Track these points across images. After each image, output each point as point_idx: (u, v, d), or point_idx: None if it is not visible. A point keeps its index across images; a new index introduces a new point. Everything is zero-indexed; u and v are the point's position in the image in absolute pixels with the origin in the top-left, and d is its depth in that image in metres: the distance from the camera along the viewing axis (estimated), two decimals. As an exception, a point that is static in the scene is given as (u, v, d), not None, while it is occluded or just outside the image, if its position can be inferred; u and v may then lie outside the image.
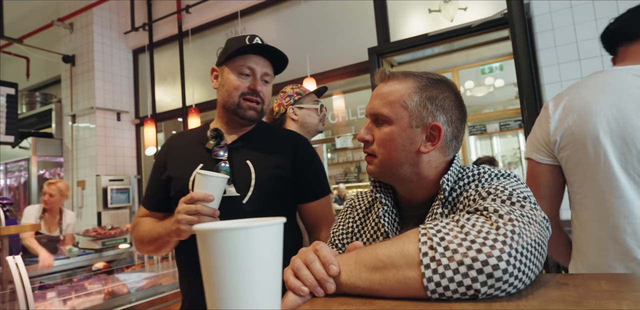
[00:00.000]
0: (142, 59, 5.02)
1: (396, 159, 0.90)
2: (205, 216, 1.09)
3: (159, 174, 1.40)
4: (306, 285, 0.69)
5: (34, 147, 4.61)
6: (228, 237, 0.40)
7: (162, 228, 1.23)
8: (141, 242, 1.35)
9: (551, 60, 2.54)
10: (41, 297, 2.59)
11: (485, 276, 0.59)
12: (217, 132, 1.35)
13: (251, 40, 1.31)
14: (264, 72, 1.33)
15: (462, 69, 5.59)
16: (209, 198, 1.09)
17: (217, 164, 1.29)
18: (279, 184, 1.33)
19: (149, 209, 1.43)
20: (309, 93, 1.92)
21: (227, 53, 1.31)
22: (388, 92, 0.92)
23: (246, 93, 1.31)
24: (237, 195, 1.27)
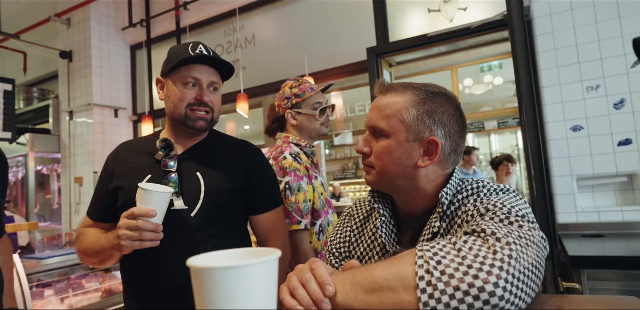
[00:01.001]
0: (140, 55, 4.99)
1: (393, 172, 0.91)
2: (147, 232, 1.08)
3: (106, 184, 1.36)
4: (302, 305, 0.69)
5: (32, 143, 4.59)
6: (222, 276, 0.40)
7: (106, 241, 1.20)
8: (85, 254, 1.31)
9: (551, 63, 2.53)
10: (39, 296, 2.60)
11: (481, 303, 0.59)
12: (166, 142, 1.32)
13: (194, 49, 1.27)
14: (210, 81, 1.30)
15: (461, 67, 5.58)
16: (151, 214, 1.07)
17: (166, 176, 1.27)
18: (229, 197, 1.31)
19: (93, 220, 1.39)
20: (309, 96, 1.80)
21: (171, 64, 1.28)
22: (386, 105, 0.91)
23: (193, 104, 1.28)
24: (186, 208, 1.24)
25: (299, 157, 1.71)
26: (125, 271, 1.34)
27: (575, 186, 2.43)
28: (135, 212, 1.07)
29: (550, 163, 2.49)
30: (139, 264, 1.26)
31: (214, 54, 1.31)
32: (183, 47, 1.29)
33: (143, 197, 1.08)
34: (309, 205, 1.67)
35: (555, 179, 2.47)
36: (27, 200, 4.69)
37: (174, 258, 1.21)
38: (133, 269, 1.30)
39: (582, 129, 2.43)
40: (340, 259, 1.06)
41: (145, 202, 1.08)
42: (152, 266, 1.24)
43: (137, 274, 1.29)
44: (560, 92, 2.50)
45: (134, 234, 1.07)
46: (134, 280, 1.31)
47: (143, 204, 1.08)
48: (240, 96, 3.65)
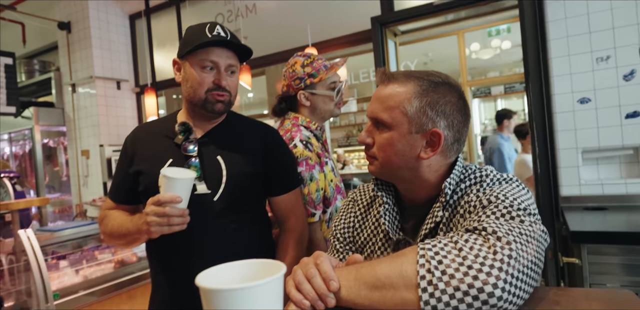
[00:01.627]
0: (139, 25, 4.89)
1: (396, 163, 0.91)
2: (174, 217, 1.10)
3: (126, 167, 1.37)
4: (307, 299, 0.71)
5: (36, 116, 4.60)
6: (230, 297, 0.42)
7: (132, 225, 1.23)
8: (110, 237, 1.35)
9: (560, 33, 2.46)
10: (54, 267, 2.69)
11: (480, 303, 0.61)
12: (185, 126, 1.32)
13: (211, 30, 1.25)
14: (227, 64, 1.28)
15: (467, 32, 5.44)
16: (177, 200, 1.09)
17: (187, 160, 1.28)
18: (249, 180, 1.32)
19: (116, 202, 1.42)
20: (324, 76, 1.67)
21: (188, 46, 1.25)
22: (388, 96, 0.90)
23: (212, 88, 1.27)
24: (208, 192, 1.26)
25: (310, 143, 1.61)
26: (152, 254, 1.38)
27: (579, 159, 2.42)
28: (161, 199, 1.09)
29: (556, 136, 2.47)
30: (165, 247, 1.30)
31: (232, 35, 1.29)
32: (200, 28, 1.27)
33: (167, 183, 1.10)
34: (321, 193, 1.62)
35: (559, 151, 2.46)
36: (36, 172, 4.75)
37: (198, 241, 1.24)
38: (159, 252, 1.35)
39: (589, 101, 2.40)
40: (345, 243, 1.08)
41: (170, 189, 1.10)
42: (178, 249, 1.28)
43: (164, 257, 1.33)
44: (568, 63, 2.45)
45: (162, 220, 1.09)
46: (161, 262, 1.35)
47: (167, 190, 1.10)
48: (242, 67, 3.60)
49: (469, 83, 5.69)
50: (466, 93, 5.54)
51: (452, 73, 4.93)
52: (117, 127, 4.68)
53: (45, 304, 2.21)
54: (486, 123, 8.55)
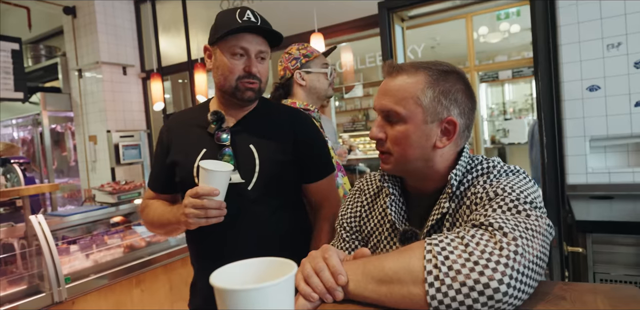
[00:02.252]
0: (145, 9, 4.84)
1: (412, 155, 0.90)
2: (212, 210, 1.12)
3: (163, 158, 1.40)
4: (316, 292, 0.73)
5: (44, 102, 4.61)
6: (244, 297, 0.43)
7: (172, 215, 1.26)
8: (152, 226, 1.40)
9: (571, 19, 2.42)
10: (65, 252, 2.74)
11: (486, 298, 0.62)
12: (217, 115, 1.32)
13: (242, 15, 1.23)
14: (258, 51, 1.27)
15: (476, 15, 5.35)
16: (215, 193, 1.11)
17: (221, 150, 1.29)
18: (282, 168, 1.33)
19: (155, 191, 1.46)
20: (317, 55, 1.81)
21: (218, 32, 1.24)
22: (400, 88, 0.89)
23: (242, 76, 1.27)
24: (242, 181, 1.28)
25: None
26: (192, 243, 1.42)
27: (587, 147, 2.41)
28: (199, 191, 1.10)
29: (563, 123, 2.46)
30: (204, 236, 1.33)
31: (262, 20, 1.27)
32: (230, 13, 1.25)
33: (205, 176, 1.11)
34: None
35: (567, 139, 2.45)
36: (45, 158, 4.80)
37: (235, 230, 1.27)
38: (198, 241, 1.38)
39: (598, 88, 2.37)
40: (351, 233, 1.09)
41: (208, 181, 1.11)
42: (216, 238, 1.31)
43: (203, 246, 1.37)
44: (579, 49, 2.41)
45: (200, 212, 1.11)
46: (200, 251, 1.39)
47: (205, 182, 1.11)
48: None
49: (476, 68, 5.63)
50: (473, 78, 5.50)
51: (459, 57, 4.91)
52: (123, 113, 4.69)
53: (57, 288, 2.26)
54: (493, 108, 8.49)
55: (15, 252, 2.49)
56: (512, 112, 8.31)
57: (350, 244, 1.08)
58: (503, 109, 8.46)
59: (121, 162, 4.21)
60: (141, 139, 4.46)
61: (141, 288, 2.74)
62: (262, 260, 0.54)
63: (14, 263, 2.47)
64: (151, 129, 4.90)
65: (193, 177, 1.30)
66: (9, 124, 5.44)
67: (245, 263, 0.53)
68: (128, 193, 3.74)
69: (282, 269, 0.49)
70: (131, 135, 4.38)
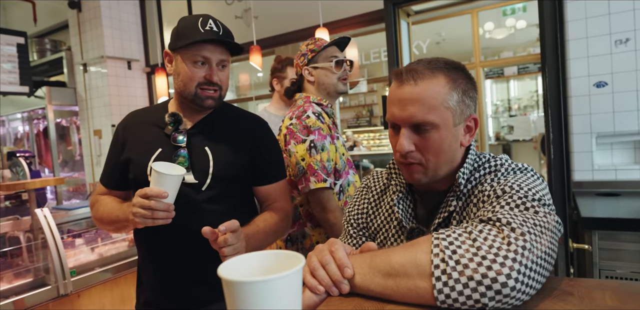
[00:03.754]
0: (149, 3, 4.84)
1: (444, 160, 0.89)
2: (159, 211, 1.12)
3: (118, 154, 1.40)
4: (322, 284, 0.73)
5: (49, 96, 4.63)
6: (252, 289, 0.43)
7: (121, 212, 1.25)
8: (101, 222, 1.38)
9: (579, 14, 2.39)
10: (70, 245, 2.75)
11: (493, 292, 0.62)
12: (175, 117, 1.33)
13: (204, 24, 1.25)
14: (219, 60, 1.29)
15: (482, 11, 5.32)
16: (163, 195, 1.10)
17: (176, 151, 1.30)
18: (236, 171, 1.34)
19: (107, 187, 1.45)
20: (323, 48, 1.75)
21: (180, 40, 1.26)
22: (427, 96, 0.85)
23: (203, 83, 1.28)
24: (196, 182, 1.28)
25: (322, 116, 1.70)
26: (139, 242, 1.41)
27: (593, 144, 2.40)
28: (148, 192, 1.10)
29: (570, 120, 2.44)
30: (152, 235, 1.32)
31: (224, 29, 1.29)
32: (192, 21, 1.27)
33: (156, 178, 1.12)
34: (332, 164, 1.67)
35: (573, 136, 2.44)
36: (51, 152, 4.82)
37: (185, 229, 1.26)
38: (146, 240, 1.37)
39: (606, 84, 2.36)
40: (358, 229, 1.09)
41: (158, 183, 1.11)
42: (164, 238, 1.31)
43: (151, 245, 1.36)
44: (586, 45, 2.39)
45: (147, 212, 1.11)
46: (148, 249, 1.38)
47: (156, 184, 1.12)
48: (253, 48, 3.56)
49: (481, 64, 5.60)
50: (478, 74, 5.47)
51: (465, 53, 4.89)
52: (128, 107, 4.70)
53: (62, 281, 2.28)
54: (498, 104, 8.46)
55: (21, 245, 2.50)
56: (517, 109, 8.28)
57: (357, 240, 1.08)
58: (508, 105, 8.43)
59: (126, 157, 4.22)
60: (146, 134, 4.47)
61: (146, 282, 2.76)
62: (270, 253, 0.54)
63: (19, 256, 2.49)
64: (156, 124, 4.91)
65: (147, 176, 1.30)
66: (15, 117, 5.46)
67: (253, 256, 0.53)
68: (133, 187, 3.75)
69: (290, 262, 0.49)
70: (136, 130, 4.38)
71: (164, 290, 1.35)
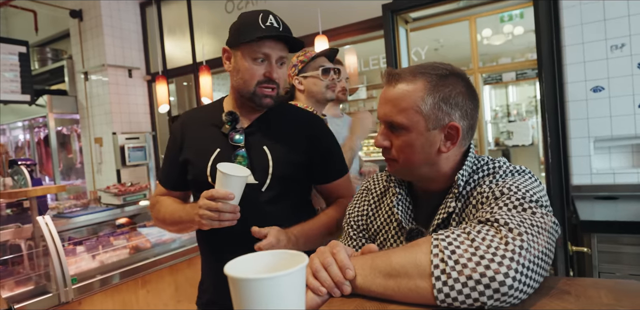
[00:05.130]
0: (150, 12, 4.88)
1: (417, 162, 0.92)
2: (225, 213, 1.13)
3: (176, 155, 1.40)
4: (324, 286, 0.74)
5: (50, 104, 4.65)
6: (257, 286, 0.45)
7: (185, 213, 1.26)
8: (163, 223, 1.39)
9: (574, 20, 2.43)
10: (72, 252, 2.76)
11: (492, 291, 0.63)
12: (232, 115, 1.33)
13: (265, 20, 1.23)
14: (279, 57, 1.28)
15: (479, 17, 5.37)
16: (230, 197, 1.11)
17: (235, 150, 1.30)
18: (295, 170, 1.34)
19: (166, 188, 1.45)
20: (311, 59, 1.82)
21: (242, 36, 1.24)
22: (399, 97, 0.89)
23: (262, 81, 1.27)
24: (256, 182, 1.28)
25: None
26: (202, 242, 1.42)
27: (591, 148, 2.42)
28: (214, 194, 1.11)
29: (568, 124, 2.46)
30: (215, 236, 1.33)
31: (284, 25, 1.28)
32: (253, 16, 1.25)
33: (221, 179, 1.12)
34: None
35: (571, 140, 2.46)
36: (52, 159, 4.83)
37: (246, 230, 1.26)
38: (209, 241, 1.39)
39: (602, 89, 2.38)
40: (358, 231, 1.10)
41: (224, 185, 1.12)
42: (227, 238, 1.31)
43: (213, 245, 1.38)
44: (582, 50, 2.42)
45: (214, 214, 1.12)
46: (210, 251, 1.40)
47: (222, 186, 1.12)
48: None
49: (479, 70, 5.64)
50: (477, 80, 5.50)
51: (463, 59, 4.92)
52: (129, 115, 4.72)
53: (64, 288, 2.28)
54: (497, 110, 8.48)
55: (23, 253, 2.51)
56: (515, 114, 8.30)
57: (357, 242, 1.09)
58: (507, 111, 8.46)
59: (127, 164, 4.23)
60: (146, 141, 4.49)
61: (147, 289, 2.76)
62: (274, 253, 0.55)
63: (21, 264, 2.49)
64: (156, 131, 4.93)
65: (206, 176, 1.30)
66: (16, 126, 5.48)
67: (258, 255, 0.55)
68: (133, 195, 3.76)
69: (294, 261, 0.51)
70: (137, 137, 4.41)
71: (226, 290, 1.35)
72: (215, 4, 4.34)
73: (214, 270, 1.39)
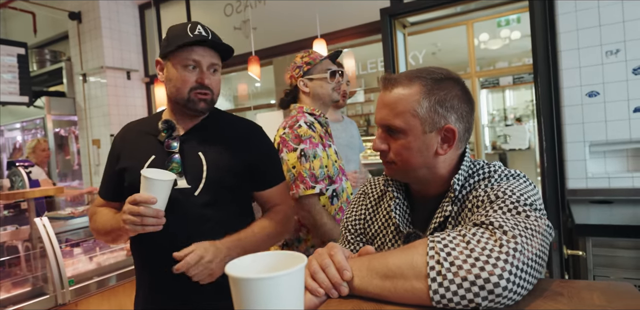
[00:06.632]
0: (149, 15, 4.90)
1: (414, 164, 0.93)
2: (148, 217, 1.12)
3: (113, 165, 1.40)
4: (322, 287, 0.75)
5: (48, 106, 4.66)
6: (258, 286, 0.46)
7: (115, 222, 1.25)
8: (98, 233, 1.38)
9: (570, 26, 2.46)
10: (69, 254, 2.75)
11: (486, 292, 0.64)
12: (168, 124, 1.34)
13: (193, 30, 1.26)
14: (210, 63, 1.30)
15: (477, 22, 5.40)
16: (152, 201, 1.11)
17: (169, 156, 1.30)
18: (230, 175, 1.34)
19: (104, 199, 1.44)
20: (319, 62, 1.84)
21: (170, 46, 1.27)
22: (396, 101, 0.91)
23: (195, 87, 1.29)
24: (189, 187, 1.28)
25: (313, 126, 1.76)
26: (135, 250, 1.40)
27: (587, 152, 2.44)
28: (137, 198, 1.11)
29: (563, 129, 2.48)
30: (146, 243, 1.32)
31: (213, 34, 1.30)
32: (181, 27, 1.28)
33: (145, 184, 1.12)
34: (325, 170, 1.73)
35: (567, 145, 2.48)
36: (49, 161, 4.82)
37: (179, 236, 1.26)
38: (141, 248, 1.37)
39: (598, 94, 2.41)
40: (356, 235, 1.11)
41: (147, 189, 1.12)
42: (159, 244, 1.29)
43: (145, 252, 1.36)
44: (578, 56, 2.45)
45: (136, 219, 1.11)
46: (143, 257, 1.38)
47: (145, 190, 1.12)
48: (252, 58, 3.62)
49: (477, 74, 5.66)
50: (474, 84, 5.54)
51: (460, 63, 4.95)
52: (127, 117, 4.73)
53: (61, 290, 2.28)
54: (494, 114, 8.52)
55: (20, 255, 2.51)
56: (512, 118, 8.34)
57: (355, 245, 1.10)
58: (504, 115, 8.50)
59: (124, 166, 4.24)
60: (144, 143, 4.50)
61: (144, 291, 2.76)
62: (273, 254, 0.56)
63: (18, 265, 2.49)
64: (154, 133, 4.93)
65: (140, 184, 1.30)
66: (14, 127, 5.48)
67: (258, 256, 0.56)
68: (131, 197, 3.75)
69: (293, 261, 0.52)
70: (134, 139, 4.41)
71: (160, 299, 1.35)
72: (214, 7, 4.37)
73: (147, 279, 1.38)
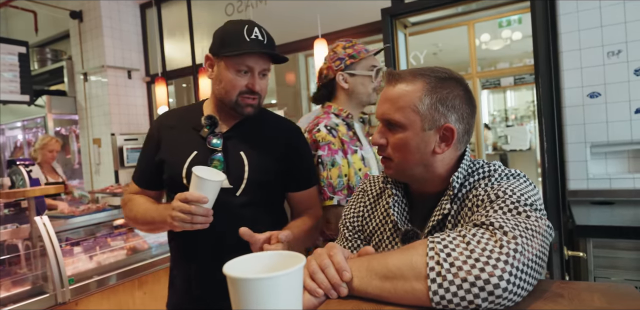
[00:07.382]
0: (150, 14, 4.90)
1: (412, 161, 0.93)
2: (198, 216, 1.13)
3: (152, 154, 1.39)
4: (321, 287, 0.75)
5: (49, 105, 4.66)
6: (257, 286, 0.46)
7: (157, 214, 1.27)
8: (135, 222, 1.39)
9: (572, 27, 2.45)
10: (69, 253, 2.75)
11: (486, 293, 0.64)
12: (211, 120, 1.34)
13: (250, 33, 1.25)
14: (262, 69, 1.29)
15: (478, 22, 5.38)
16: (203, 200, 1.12)
17: (212, 154, 1.31)
18: (270, 176, 1.35)
19: (140, 187, 1.45)
20: (364, 56, 1.65)
21: (225, 48, 1.25)
22: (398, 97, 0.92)
23: (244, 92, 1.29)
24: (231, 187, 1.29)
25: (335, 129, 1.60)
26: (174, 245, 1.43)
27: (588, 153, 2.43)
28: (188, 197, 1.11)
29: (564, 130, 2.48)
30: (186, 238, 1.35)
31: (268, 38, 1.29)
32: (238, 27, 1.26)
33: (196, 182, 1.12)
34: (344, 180, 1.57)
35: (568, 146, 2.47)
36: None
37: (219, 234, 1.28)
38: (181, 243, 1.39)
39: (599, 95, 2.40)
40: (354, 232, 1.11)
41: (198, 188, 1.12)
42: (198, 241, 1.32)
43: (185, 248, 1.38)
44: (579, 56, 2.44)
45: (186, 217, 1.12)
46: (182, 252, 1.40)
47: (196, 189, 1.12)
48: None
49: (478, 74, 5.65)
50: (475, 84, 5.53)
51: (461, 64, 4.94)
52: (128, 116, 4.73)
53: (61, 289, 2.28)
54: (495, 114, 8.52)
55: (20, 253, 2.50)
56: (513, 119, 8.34)
57: (353, 243, 1.10)
58: (505, 115, 8.50)
59: (125, 165, 4.24)
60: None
61: (143, 290, 2.76)
62: (272, 254, 0.56)
63: (18, 264, 2.49)
64: (155, 133, 4.93)
65: (181, 178, 1.30)
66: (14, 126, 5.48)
67: (257, 255, 0.56)
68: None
69: (292, 261, 0.52)
70: (135, 138, 4.41)
71: (195, 294, 1.36)
72: (215, 6, 4.36)
73: (184, 273, 1.39)
